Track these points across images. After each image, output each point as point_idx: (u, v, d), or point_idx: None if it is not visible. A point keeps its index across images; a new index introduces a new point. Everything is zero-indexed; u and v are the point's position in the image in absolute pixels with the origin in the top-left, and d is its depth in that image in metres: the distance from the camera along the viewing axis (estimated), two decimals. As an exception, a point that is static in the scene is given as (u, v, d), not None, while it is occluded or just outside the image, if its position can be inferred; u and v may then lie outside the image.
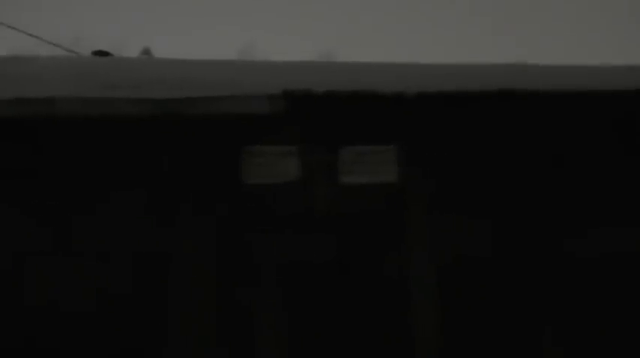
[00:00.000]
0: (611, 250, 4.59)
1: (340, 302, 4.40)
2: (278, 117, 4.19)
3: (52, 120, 3.94)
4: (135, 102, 3.90)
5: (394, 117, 4.38)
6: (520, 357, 4.54)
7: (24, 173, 4.13)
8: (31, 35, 12.36)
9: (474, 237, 4.50)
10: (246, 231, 4.34)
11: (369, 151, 4.42)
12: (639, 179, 4.67)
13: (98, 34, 24.98)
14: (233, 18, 29.95)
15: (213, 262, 4.25)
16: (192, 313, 4.17)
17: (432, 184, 4.43)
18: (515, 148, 4.60)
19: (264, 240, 4.38)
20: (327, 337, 4.36)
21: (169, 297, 4.19)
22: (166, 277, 4.19)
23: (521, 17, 31.64)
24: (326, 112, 4.33)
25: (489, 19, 32.09)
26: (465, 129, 4.49)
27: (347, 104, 4.24)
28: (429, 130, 4.44)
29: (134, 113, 3.89)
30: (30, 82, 4.41)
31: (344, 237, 4.45)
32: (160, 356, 4.18)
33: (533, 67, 5.62)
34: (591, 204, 4.67)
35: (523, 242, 4.53)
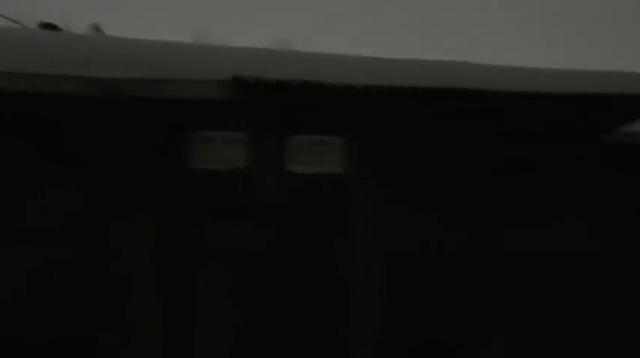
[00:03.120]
0: (553, 247, 4.79)
1: (284, 290, 4.44)
2: (227, 103, 4.17)
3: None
4: (81, 81, 3.81)
5: (343, 108, 4.42)
6: (459, 347, 4.70)
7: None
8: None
9: (417, 228, 4.61)
10: (191, 217, 4.32)
11: (317, 141, 4.45)
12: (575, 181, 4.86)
13: (46, 5, 24.15)
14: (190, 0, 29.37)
15: (156, 248, 4.22)
16: (135, 300, 4.14)
17: (376, 176, 4.51)
18: (461, 145, 4.71)
19: (209, 227, 4.38)
20: (270, 324, 4.40)
21: (112, 281, 4.14)
22: (108, 261, 4.14)
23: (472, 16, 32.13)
24: (276, 101, 4.34)
25: (451, 14, 32.50)
26: (412, 123, 4.57)
27: (297, 94, 4.25)
28: (377, 123, 4.50)
29: (80, 92, 3.80)
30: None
31: (289, 225, 4.49)
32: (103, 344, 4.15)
33: (481, 66, 5.72)
34: (533, 203, 4.84)
35: (463, 236, 4.67)
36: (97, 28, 8.47)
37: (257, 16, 30.58)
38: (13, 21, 11.34)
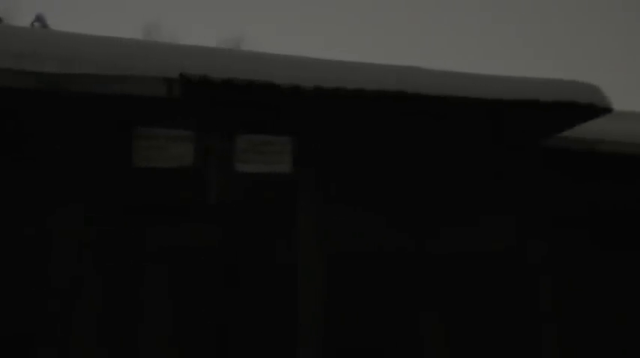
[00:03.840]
0: (482, 247, 4.93)
1: (230, 290, 4.40)
2: (174, 101, 4.10)
3: None
4: (17, 74, 3.67)
5: (291, 109, 4.42)
6: (399, 342, 4.78)
7: None
8: None
9: (362, 228, 4.66)
10: (135, 216, 4.23)
11: (265, 141, 4.43)
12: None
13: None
14: (140, -6, 28.83)
15: (96, 246, 4.11)
16: (72, 301, 4.02)
17: (323, 176, 4.53)
18: (405, 147, 4.79)
19: (153, 226, 4.29)
20: (214, 325, 4.35)
21: (50, 278, 4.01)
22: (48, 259, 4.00)
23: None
24: (223, 99, 4.29)
25: (410, 14, 32.88)
26: (359, 125, 4.61)
27: (244, 93, 4.22)
28: (324, 124, 4.52)
29: (16, 86, 3.66)
30: None
31: (235, 225, 4.46)
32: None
33: (427, 71, 5.83)
34: (468, 203, 4.96)
35: (404, 236, 4.75)
36: (40, 19, 8.18)
37: (207, 14, 30.31)
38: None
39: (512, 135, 4.92)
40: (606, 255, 5.55)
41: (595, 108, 4.43)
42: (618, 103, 4.88)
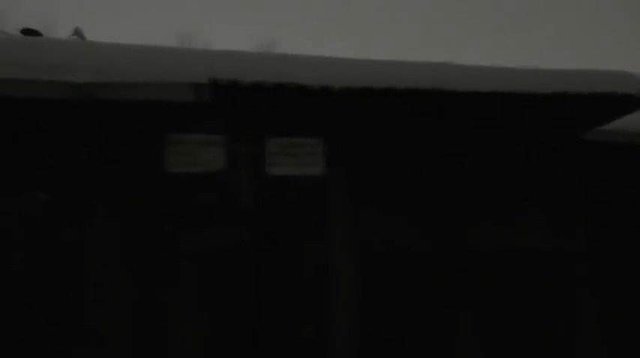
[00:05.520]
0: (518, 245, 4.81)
1: (261, 291, 4.39)
2: (203, 105, 4.12)
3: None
4: (47, 85, 3.73)
5: (321, 110, 4.39)
6: (438, 344, 4.69)
7: None
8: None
9: (394, 229, 4.60)
10: (167, 221, 4.25)
11: (295, 143, 4.41)
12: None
13: (30, 11, 23.93)
14: (174, 2, 29.30)
15: (128, 251, 4.15)
16: (107, 304, 4.06)
17: (354, 177, 4.48)
18: (439, 145, 4.71)
19: (186, 231, 4.31)
20: (247, 326, 4.35)
21: (85, 280, 4.06)
22: (82, 264, 4.06)
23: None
24: (253, 103, 4.29)
25: (442, 14, 32.65)
26: (391, 125, 4.55)
27: (274, 96, 4.21)
28: (355, 125, 4.48)
29: (46, 96, 3.72)
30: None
31: (268, 228, 4.45)
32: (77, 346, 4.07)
33: (459, 67, 5.73)
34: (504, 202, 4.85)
35: (434, 235, 4.67)
36: (78, 33, 8.41)
37: (242, 19, 30.58)
38: (-7, 28, 11.25)
39: (548, 130, 4.79)
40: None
41: (636, 100, 4.27)
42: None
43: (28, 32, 6.92)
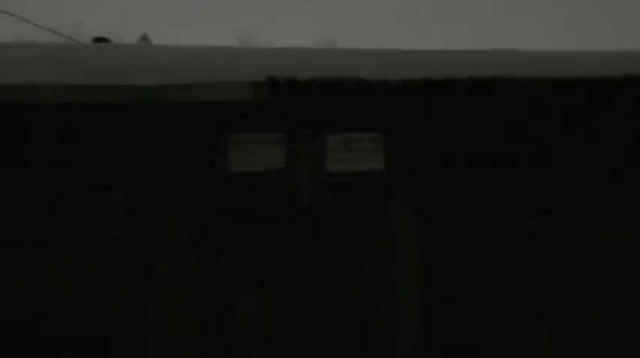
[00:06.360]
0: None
1: (324, 292, 4.39)
2: (263, 104, 4.15)
3: (32, 107, 3.91)
4: (113, 90, 3.86)
5: (380, 104, 4.33)
6: (507, 350, 4.56)
7: (1, 161, 4.11)
8: (30, 22, 12.41)
9: (459, 227, 4.48)
10: (231, 220, 4.32)
11: (356, 139, 4.38)
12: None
13: (100, 20, 24.97)
14: (236, 4, 29.89)
15: (195, 252, 4.24)
16: (174, 304, 4.18)
17: (416, 173, 4.40)
18: (505, 137, 4.55)
19: (250, 230, 4.37)
20: (309, 328, 4.37)
21: (150, 288, 4.19)
22: (147, 267, 4.19)
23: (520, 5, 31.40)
24: (311, 100, 4.29)
25: (491, 4, 31.87)
26: (452, 117, 4.44)
27: (332, 91, 4.19)
28: (415, 118, 4.40)
29: (112, 101, 3.85)
30: (12, 69, 4.37)
31: (329, 226, 4.44)
32: (144, 349, 4.20)
33: (523, 53, 5.53)
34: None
35: (501, 231, 4.52)
36: (144, 39, 8.71)
37: (303, 18, 30.81)
38: (68, 37, 11.83)
39: (619, 121, 4.55)
40: None
41: None
42: None
43: (99, 41, 7.21)
